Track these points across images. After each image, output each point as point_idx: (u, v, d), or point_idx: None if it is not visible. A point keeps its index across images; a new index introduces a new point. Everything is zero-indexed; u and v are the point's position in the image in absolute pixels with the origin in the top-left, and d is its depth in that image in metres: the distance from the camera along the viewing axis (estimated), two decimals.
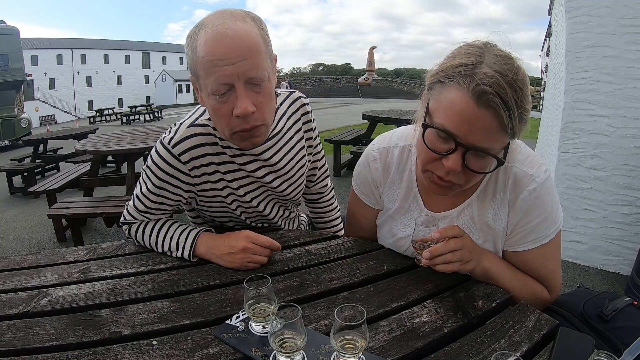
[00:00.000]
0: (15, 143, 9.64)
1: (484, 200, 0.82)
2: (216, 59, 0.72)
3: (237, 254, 0.86)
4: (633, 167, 2.38)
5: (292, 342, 0.55)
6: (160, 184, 0.91)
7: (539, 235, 0.79)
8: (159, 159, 0.88)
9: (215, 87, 0.75)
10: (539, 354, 0.59)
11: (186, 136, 0.87)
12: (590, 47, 2.44)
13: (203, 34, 0.74)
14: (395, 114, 5.46)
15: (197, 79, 0.78)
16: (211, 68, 0.73)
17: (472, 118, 0.63)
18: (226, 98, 0.76)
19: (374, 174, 0.92)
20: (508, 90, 0.61)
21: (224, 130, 0.82)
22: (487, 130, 0.64)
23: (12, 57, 11.95)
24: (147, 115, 18.10)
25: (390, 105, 13.94)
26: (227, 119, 0.78)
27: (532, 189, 0.76)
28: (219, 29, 0.73)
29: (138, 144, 3.48)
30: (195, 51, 0.75)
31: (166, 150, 0.87)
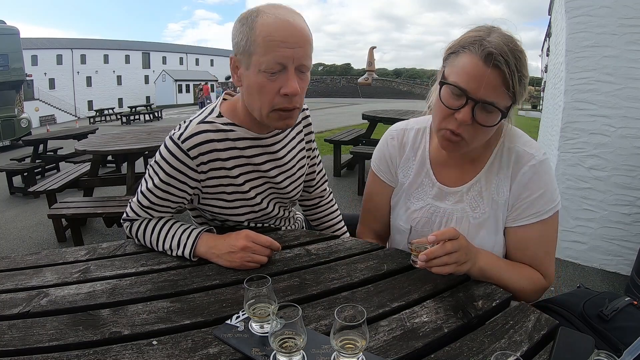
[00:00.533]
0: (15, 143, 9.63)
1: (489, 176, 0.90)
2: (278, 40, 0.79)
3: (237, 253, 0.86)
4: (633, 167, 2.39)
5: (292, 342, 0.55)
6: (167, 179, 0.92)
7: (538, 210, 0.85)
8: (168, 154, 0.91)
9: (271, 65, 0.80)
10: (539, 354, 0.59)
11: (196, 132, 0.90)
12: (590, 47, 2.44)
13: (265, 18, 0.80)
14: (395, 114, 5.46)
15: (248, 56, 0.82)
16: (271, 47, 0.79)
17: (481, 75, 0.75)
18: (276, 77, 0.82)
19: (391, 150, 1.02)
20: (510, 55, 0.74)
21: (264, 107, 0.86)
22: (493, 86, 0.75)
23: (12, 57, 11.94)
24: (147, 115, 18.09)
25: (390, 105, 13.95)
26: (272, 96, 0.84)
27: (531, 164, 0.85)
28: (282, 17, 0.81)
29: (138, 144, 3.48)
30: (254, 31, 0.80)
31: (175, 145, 0.90)
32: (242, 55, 0.84)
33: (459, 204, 0.93)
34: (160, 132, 4.40)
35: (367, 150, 4.30)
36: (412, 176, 0.99)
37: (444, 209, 0.94)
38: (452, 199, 0.93)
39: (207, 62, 44.98)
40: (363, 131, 5.46)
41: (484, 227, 0.91)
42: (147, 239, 0.96)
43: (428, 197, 0.97)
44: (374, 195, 1.08)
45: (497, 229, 0.90)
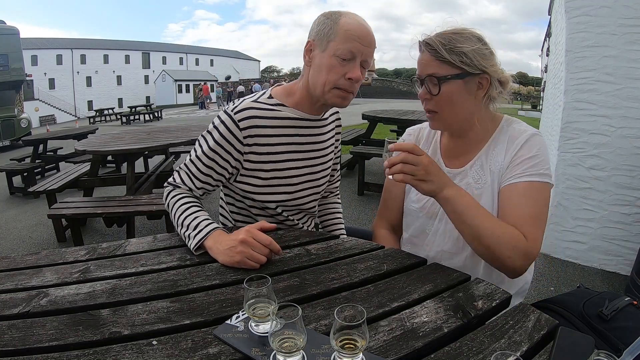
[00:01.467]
0: (15, 143, 9.62)
1: (488, 151, 1.01)
2: (357, 36, 0.98)
3: (237, 247, 0.87)
4: (633, 167, 2.39)
5: (292, 342, 0.55)
6: (215, 147, 1.03)
7: (524, 172, 0.92)
8: (219, 123, 1.03)
9: (345, 52, 0.97)
10: (539, 354, 0.59)
11: (248, 107, 1.03)
12: (590, 47, 2.44)
13: (348, 18, 0.99)
14: (395, 114, 5.47)
15: (327, 42, 0.99)
16: (349, 39, 0.97)
17: (419, 61, 0.97)
18: (345, 63, 0.98)
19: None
20: (434, 39, 0.93)
21: (328, 83, 1.00)
22: (426, 63, 0.95)
23: (12, 57, 11.93)
24: (147, 115, 18.08)
25: (390, 105, 13.94)
26: (338, 76, 0.99)
27: (523, 135, 0.96)
28: (361, 22, 1.00)
29: (138, 144, 3.48)
30: (337, 24, 0.98)
31: (228, 116, 1.02)
32: (320, 40, 1.00)
33: (464, 179, 1.02)
34: (160, 132, 4.40)
35: (367, 150, 4.30)
36: None
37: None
38: (459, 178, 1.03)
39: (207, 62, 44.96)
40: (363, 131, 5.46)
41: (484, 195, 0.98)
42: (174, 208, 1.02)
43: None
44: (391, 185, 1.20)
45: (494, 195, 0.97)
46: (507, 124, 1.01)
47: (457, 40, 0.91)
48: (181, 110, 26.84)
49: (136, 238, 1.05)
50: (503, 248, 0.84)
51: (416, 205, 1.09)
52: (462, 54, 0.91)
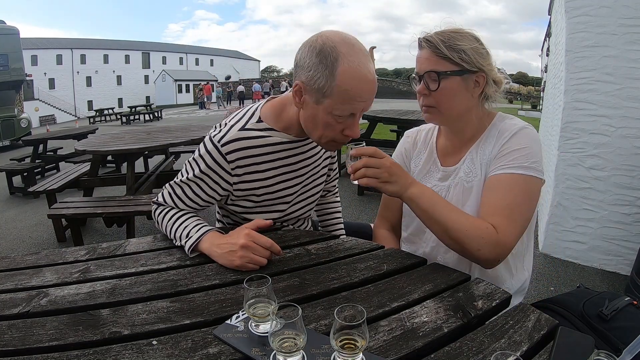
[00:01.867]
0: (15, 143, 9.61)
1: (478, 148, 1.02)
2: (356, 95, 0.86)
3: (237, 252, 0.86)
4: (633, 167, 2.39)
5: (292, 342, 0.55)
6: (201, 176, 0.99)
7: (507, 163, 0.92)
8: (206, 154, 0.97)
9: (344, 113, 0.88)
10: (538, 354, 0.59)
11: (236, 138, 0.97)
12: (590, 47, 2.44)
13: (346, 67, 0.83)
14: (395, 114, 5.46)
15: (322, 96, 0.86)
16: (348, 100, 0.86)
17: (418, 57, 0.99)
18: (343, 120, 0.90)
19: (406, 146, 1.20)
20: (434, 37, 0.95)
21: (323, 137, 0.94)
22: (426, 60, 0.96)
23: (12, 57, 11.92)
24: (146, 115, 18.07)
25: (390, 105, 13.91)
26: (334, 133, 0.92)
27: (512, 129, 0.97)
28: (363, 69, 0.85)
29: (138, 144, 3.48)
30: (334, 78, 0.84)
31: (215, 147, 0.97)
32: (314, 90, 0.87)
33: (457, 175, 1.04)
34: (160, 132, 4.40)
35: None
36: (421, 165, 1.14)
37: (447, 185, 1.06)
38: (453, 175, 1.05)
39: (207, 62, 44.97)
40: (363, 131, 5.43)
41: (474, 189, 0.99)
42: (163, 223, 1.02)
43: (435, 180, 1.09)
44: None
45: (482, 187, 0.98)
46: (500, 120, 1.03)
47: (456, 38, 0.93)
48: (181, 110, 26.84)
49: (136, 238, 1.05)
50: (471, 241, 0.85)
51: None
52: (461, 51, 0.92)
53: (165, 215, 1.02)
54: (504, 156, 0.94)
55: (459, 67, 0.93)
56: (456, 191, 1.02)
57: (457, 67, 0.93)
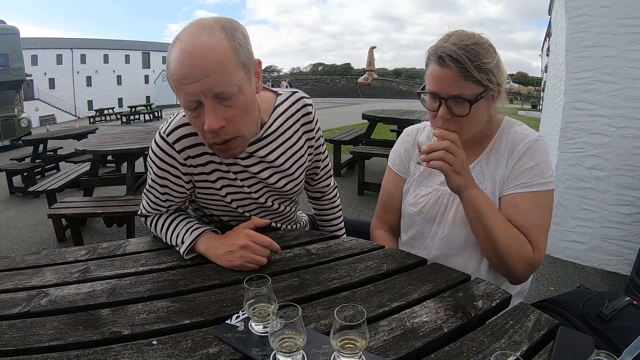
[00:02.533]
0: (15, 143, 9.62)
1: (490, 156, 0.99)
2: (181, 77, 0.73)
3: (237, 252, 0.85)
4: (633, 167, 2.39)
5: (292, 342, 0.55)
6: (161, 174, 0.92)
7: (527, 182, 0.92)
8: (156, 148, 0.90)
9: (185, 103, 0.77)
10: (539, 354, 0.59)
11: (180, 124, 0.88)
12: (590, 47, 2.44)
13: (174, 51, 0.74)
14: (395, 113, 5.47)
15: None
16: (178, 86, 0.75)
17: (441, 76, 0.88)
18: (198, 113, 0.77)
19: (406, 145, 1.14)
20: (459, 52, 0.85)
21: (205, 142, 0.84)
22: (452, 82, 0.87)
23: (12, 57, 11.94)
24: (147, 115, 18.10)
25: (390, 105, 13.93)
26: (201, 132, 0.81)
27: (526, 141, 0.94)
28: (185, 46, 0.73)
29: (138, 144, 3.48)
30: (168, 67, 0.76)
31: (162, 138, 0.89)
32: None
33: None
34: None
35: (367, 150, 4.30)
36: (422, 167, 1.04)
37: (449, 191, 0.99)
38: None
39: None
40: (363, 131, 5.45)
41: None
42: (157, 232, 1.01)
43: (436, 183, 1.05)
44: (388, 186, 1.18)
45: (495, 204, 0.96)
46: (508, 126, 1.00)
47: (481, 54, 0.86)
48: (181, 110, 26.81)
49: (136, 238, 1.05)
50: (512, 253, 0.87)
51: (414, 209, 1.07)
52: (489, 71, 0.87)
53: (157, 224, 1.00)
54: (522, 174, 0.92)
55: (484, 87, 0.88)
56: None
57: (483, 88, 0.88)
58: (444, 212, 1.02)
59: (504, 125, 1.00)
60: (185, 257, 0.91)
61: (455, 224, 0.99)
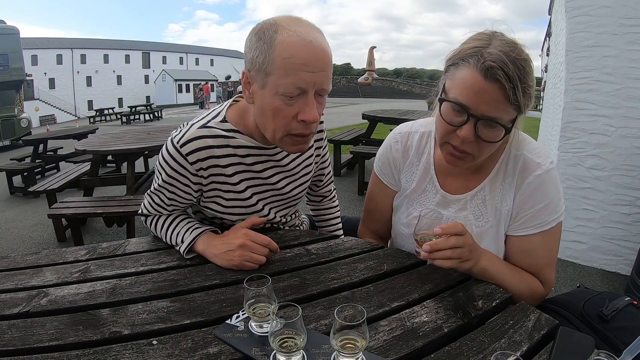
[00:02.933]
0: (15, 143, 9.62)
1: (494, 184, 0.88)
2: (301, 63, 0.74)
3: (235, 251, 0.85)
4: (633, 167, 2.38)
5: (292, 342, 0.55)
6: (170, 181, 0.92)
7: (541, 221, 0.84)
8: (168, 157, 0.89)
9: (290, 89, 0.76)
10: (539, 354, 0.59)
11: (195, 137, 0.87)
12: (590, 47, 2.44)
13: (285, 36, 0.74)
14: (395, 113, 5.47)
15: (264, 76, 0.77)
16: (292, 70, 0.74)
17: (481, 90, 0.72)
18: (294, 102, 0.77)
19: (395, 154, 1.00)
20: (511, 67, 0.70)
21: (278, 131, 0.81)
22: (494, 101, 0.72)
23: (12, 57, 11.92)
24: (147, 115, 18.08)
25: (390, 105, 13.92)
26: (287, 120, 0.79)
27: (537, 174, 0.83)
28: (305, 37, 0.74)
29: (138, 144, 3.48)
30: (273, 49, 0.74)
31: (175, 149, 0.88)
32: (257, 72, 0.78)
33: (462, 211, 0.92)
34: (160, 131, 4.40)
35: (367, 150, 4.30)
36: (415, 182, 0.98)
37: (447, 216, 0.93)
38: (456, 207, 0.93)
39: (207, 61, 44.97)
40: (363, 131, 5.46)
41: (485, 236, 0.90)
42: (157, 232, 1.01)
43: (431, 204, 0.95)
44: (375, 196, 1.07)
45: (498, 238, 0.90)
46: (516, 147, 0.86)
47: (529, 75, 0.73)
48: (181, 110, 26.84)
49: (136, 238, 1.05)
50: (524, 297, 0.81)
51: (407, 230, 0.99)
52: (531, 96, 0.75)
53: (157, 224, 1.00)
54: (535, 214, 0.84)
55: (519, 112, 0.76)
56: None
57: (516, 114, 0.76)
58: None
59: (511, 146, 0.87)
60: (185, 256, 0.91)
61: None
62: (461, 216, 0.92)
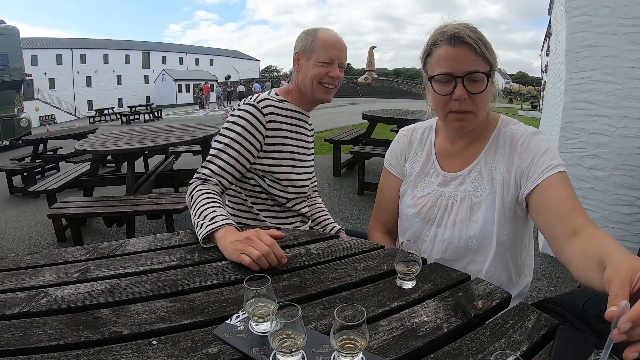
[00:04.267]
0: (15, 143, 9.62)
1: (488, 157, 0.99)
2: (332, 45, 1.24)
3: (240, 242, 0.88)
4: (633, 167, 2.39)
5: (292, 342, 0.55)
6: (242, 132, 1.18)
7: (547, 165, 0.88)
8: (244, 113, 1.20)
9: (326, 59, 1.22)
10: (538, 354, 0.59)
11: (266, 98, 1.24)
12: (590, 47, 2.44)
13: (324, 33, 1.25)
14: (395, 113, 5.46)
15: (310, 52, 1.23)
16: (327, 49, 1.22)
17: (455, 54, 0.89)
18: (327, 66, 1.23)
19: (401, 146, 1.16)
20: (468, 31, 0.88)
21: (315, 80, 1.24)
22: (467, 58, 0.88)
23: (12, 57, 11.91)
24: (146, 115, 18.07)
25: (390, 105, 13.92)
26: (322, 76, 1.24)
27: (525, 136, 0.94)
28: (335, 34, 1.27)
29: (138, 144, 3.48)
30: (316, 38, 1.23)
31: (251, 105, 1.21)
32: (305, 52, 1.25)
33: (462, 185, 1.00)
34: (160, 131, 4.40)
35: (367, 150, 4.30)
36: (419, 167, 1.10)
37: (448, 193, 1.01)
38: (456, 183, 1.01)
39: (207, 61, 44.97)
40: (363, 131, 5.45)
41: (483, 204, 0.96)
42: (198, 199, 1.06)
43: (434, 184, 1.05)
44: (384, 188, 1.19)
45: (495, 204, 0.95)
46: (505, 124, 0.99)
47: (484, 37, 0.89)
48: (181, 110, 26.82)
49: (136, 238, 1.05)
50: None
51: (412, 210, 1.06)
52: (492, 49, 0.90)
53: (203, 194, 1.07)
54: (536, 164, 0.89)
55: (489, 66, 0.90)
56: (463, 205, 0.98)
57: (489, 66, 0.90)
58: (443, 215, 1.01)
59: (500, 124, 1.00)
60: (203, 241, 0.95)
61: (455, 227, 0.98)
62: (461, 190, 1.00)
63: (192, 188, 1.12)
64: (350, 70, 78.71)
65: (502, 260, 0.97)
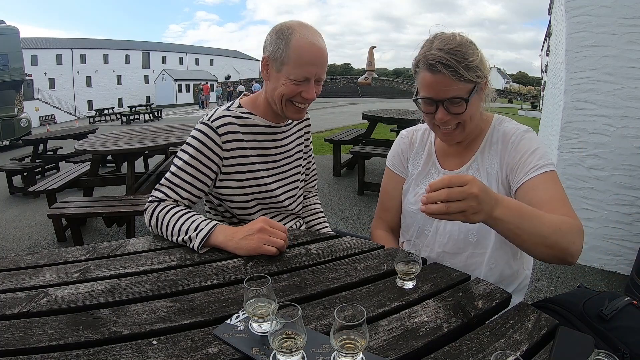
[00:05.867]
0: (15, 143, 9.62)
1: (483, 154, 1.03)
2: (307, 60, 1.01)
3: (254, 235, 0.89)
4: (633, 167, 2.39)
5: (292, 342, 0.55)
6: (196, 155, 1.05)
7: (534, 165, 0.92)
8: (198, 133, 1.06)
9: (299, 77, 1.02)
10: (538, 354, 0.59)
11: (222, 115, 1.08)
12: (590, 46, 2.44)
13: (298, 38, 1.00)
14: (395, 113, 5.46)
15: (280, 63, 1.02)
16: (301, 65, 1.01)
17: (433, 83, 0.93)
18: (300, 85, 1.03)
19: (403, 147, 1.19)
20: (448, 57, 0.89)
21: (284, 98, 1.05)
22: (445, 86, 0.91)
23: (12, 57, 11.92)
24: (147, 115, 18.08)
25: (390, 105, 13.92)
26: (293, 95, 1.05)
27: (517, 133, 0.98)
28: (311, 40, 1.01)
29: (138, 144, 3.48)
30: (289, 47, 1.00)
31: (206, 125, 1.06)
32: (274, 60, 1.03)
33: None
34: (160, 131, 4.40)
35: (367, 150, 4.30)
36: (420, 166, 1.13)
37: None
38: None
39: (207, 61, 44.97)
40: (363, 131, 5.45)
41: None
42: (165, 221, 0.99)
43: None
44: (387, 186, 1.21)
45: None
46: (498, 123, 1.04)
47: (467, 54, 0.90)
48: (181, 110, 26.84)
49: (136, 238, 1.05)
50: (567, 236, 0.78)
51: (414, 207, 1.09)
52: (476, 68, 0.91)
53: (168, 212, 1.00)
54: (527, 160, 0.93)
55: (474, 83, 0.92)
56: None
57: (473, 84, 0.92)
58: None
59: (494, 122, 1.04)
60: (201, 250, 0.93)
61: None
62: None
63: (151, 212, 1.03)
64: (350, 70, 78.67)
65: (502, 253, 0.99)
